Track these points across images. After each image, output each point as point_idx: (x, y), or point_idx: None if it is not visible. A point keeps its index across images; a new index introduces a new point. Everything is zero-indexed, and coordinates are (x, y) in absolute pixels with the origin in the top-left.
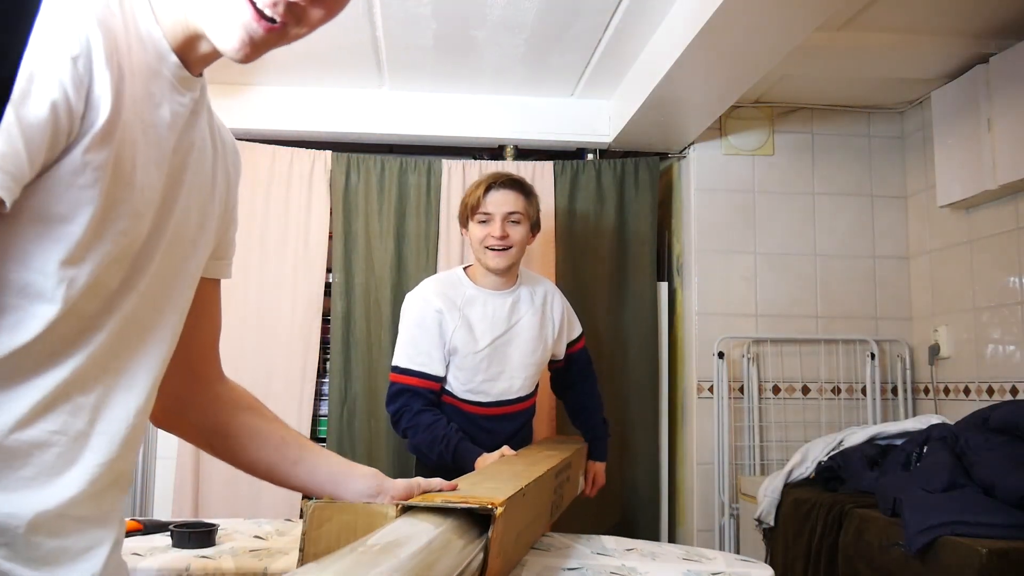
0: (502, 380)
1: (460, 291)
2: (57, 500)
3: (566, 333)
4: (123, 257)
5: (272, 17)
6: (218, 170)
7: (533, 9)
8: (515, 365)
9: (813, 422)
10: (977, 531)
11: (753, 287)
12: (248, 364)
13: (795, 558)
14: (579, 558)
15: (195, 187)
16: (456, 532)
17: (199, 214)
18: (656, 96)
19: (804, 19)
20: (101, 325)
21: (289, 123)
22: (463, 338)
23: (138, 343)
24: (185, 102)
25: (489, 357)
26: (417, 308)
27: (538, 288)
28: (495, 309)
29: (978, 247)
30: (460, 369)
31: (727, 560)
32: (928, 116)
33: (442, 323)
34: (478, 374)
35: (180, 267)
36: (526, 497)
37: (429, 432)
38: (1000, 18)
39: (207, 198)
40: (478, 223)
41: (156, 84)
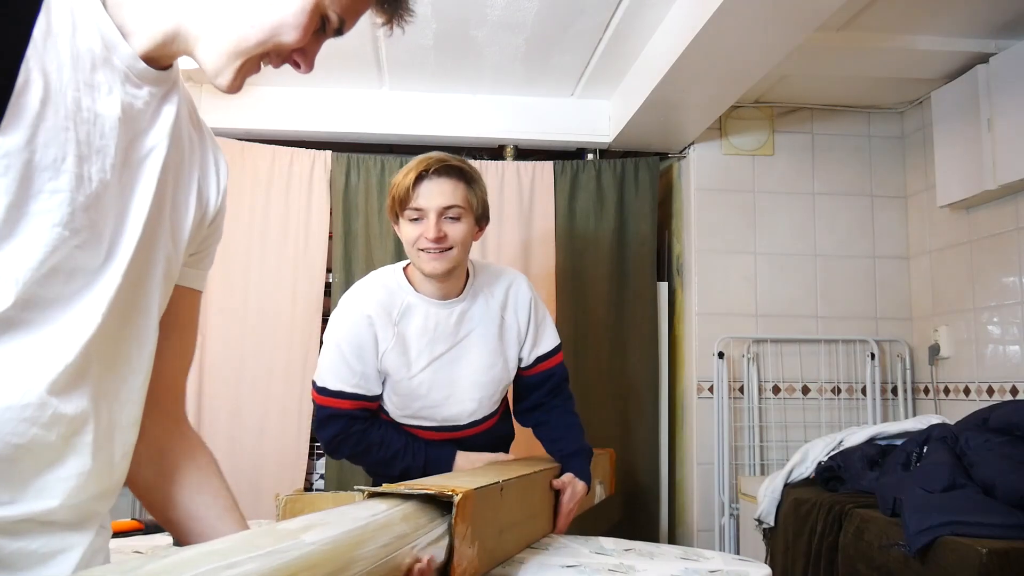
0: (449, 405)
1: (397, 299)
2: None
3: (531, 341)
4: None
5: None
6: (195, 175)
7: (533, 9)
8: (465, 387)
9: (813, 422)
10: (977, 531)
11: (753, 287)
12: (248, 364)
13: (795, 558)
14: (577, 557)
15: (165, 186)
16: (411, 516)
17: (171, 214)
18: (656, 96)
19: (804, 19)
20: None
21: (289, 123)
22: (394, 361)
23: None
24: (142, 95)
25: (429, 381)
26: (349, 319)
27: (497, 288)
28: (438, 322)
29: (978, 247)
30: (395, 393)
31: (725, 559)
32: (928, 116)
33: (376, 337)
34: (416, 400)
35: (146, 271)
36: (506, 493)
37: (385, 449)
38: (1000, 18)
39: (181, 200)
40: (409, 220)
41: (104, 73)
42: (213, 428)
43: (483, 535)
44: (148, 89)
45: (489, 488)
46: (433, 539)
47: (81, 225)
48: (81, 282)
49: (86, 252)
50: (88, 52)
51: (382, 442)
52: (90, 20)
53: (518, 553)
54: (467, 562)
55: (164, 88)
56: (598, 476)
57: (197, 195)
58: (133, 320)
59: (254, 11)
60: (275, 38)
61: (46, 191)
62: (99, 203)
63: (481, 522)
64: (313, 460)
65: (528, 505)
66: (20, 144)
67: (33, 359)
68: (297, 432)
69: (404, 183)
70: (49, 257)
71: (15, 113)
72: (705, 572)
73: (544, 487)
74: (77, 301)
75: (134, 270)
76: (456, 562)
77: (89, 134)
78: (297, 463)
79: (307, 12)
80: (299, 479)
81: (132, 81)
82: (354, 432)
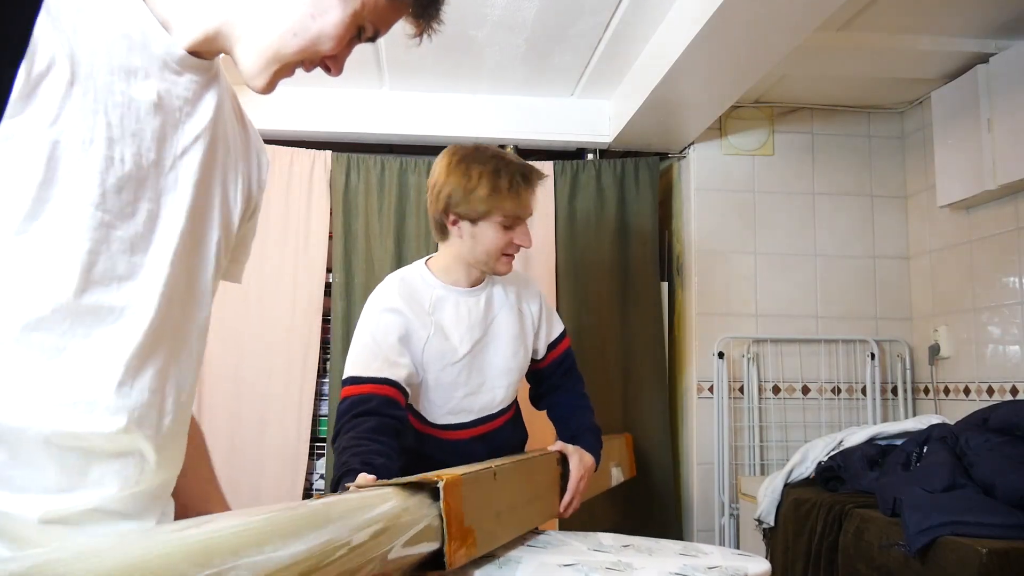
0: (483, 392)
1: (428, 293)
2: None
3: (544, 329)
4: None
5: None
6: (242, 167)
7: (533, 9)
8: (496, 373)
9: (813, 422)
10: (977, 531)
11: (753, 287)
12: (248, 364)
13: (795, 558)
14: (575, 555)
15: (211, 174)
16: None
17: (222, 205)
18: (656, 96)
19: (804, 19)
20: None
21: (289, 123)
22: (439, 348)
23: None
24: (182, 82)
25: (470, 367)
26: (376, 313)
27: (510, 278)
28: (469, 309)
29: (978, 247)
30: (438, 388)
31: (723, 554)
32: (928, 116)
33: (408, 330)
34: (458, 389)
35: (197, 258)
36: (500, 477)
37: (337, 458)
38: (1000, 18)
39: (231, 190)
40: (500, 226)
41: (140, 58)
42: (213, 428)
43: (479, 518)
44: (189, 76)
45: (481, 473)
46: (424, 526)
47: (114, 206)
48: (125, 267)
49: (125, 235)
50: (124, 38)
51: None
52: (127, 9)
53: (521, 534)
54: (460, 544)
55: (206, 77)
56: (614, 459)
57: (245, 187)
58: (189, 307)
59: (298, 20)
60: (314, 47)
61: (74, 171)
62: (136, 186)
63: (475, 506)
64: (313, 460)
65: (529, 488)
66: (45, 125)
67: (94, 350)
68: (297, 432)
69: (519, 196)
70: (86, 240)
71: (39, 95)
72: (704, 568)
73: (547, 470)
74: (128, 287)
75: (183, 257)
76: (449, 544)
77: (123, 117)
78: (297, 463)
79: (347, 25)
80: (299, 479)
81: (171, 68)
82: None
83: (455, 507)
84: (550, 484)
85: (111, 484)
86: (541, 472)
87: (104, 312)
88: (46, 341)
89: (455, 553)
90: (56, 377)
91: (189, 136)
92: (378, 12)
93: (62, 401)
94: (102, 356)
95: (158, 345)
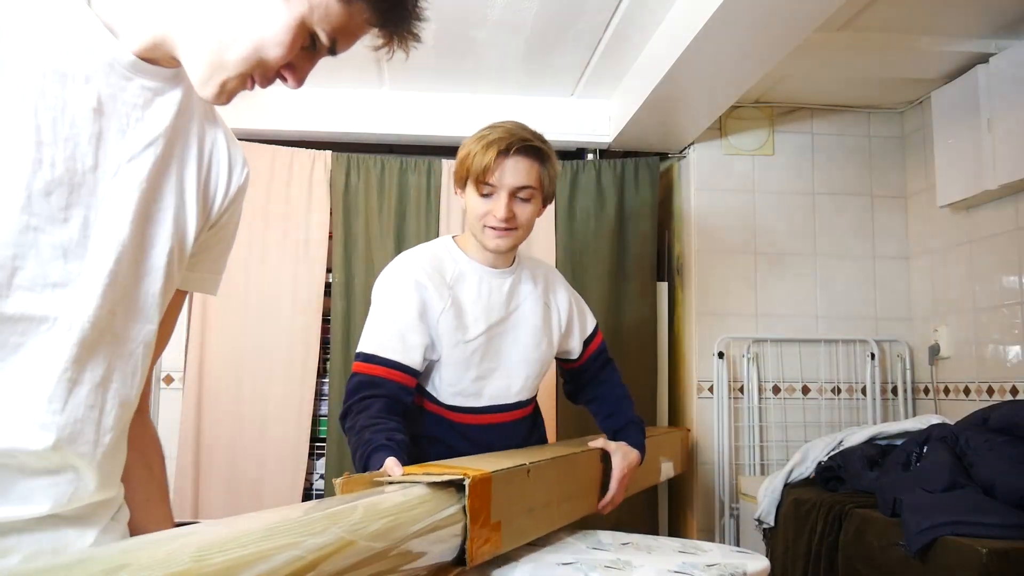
0: (496, 379)
1: (450, 266)
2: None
3: (578, 326)
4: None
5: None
6: (201, 176)
7: (533, 9)
8: (513, 361)
9: (813, 422)
10: (977, 531)
11: (753, 287)
12: (248, 364)
13: (795, 558)
14: (574, 553)
15: (162, 180)
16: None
17: (176, 213)
18: (656, 96)
19: (804, 19)
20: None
21: (289, 123)
22: (451, 323)
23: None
24: (131, 87)
25: (483, 349)
26: (395, 284)
27: (538, 272)
28: (491, 290)
29: (978, 247)
30: (447, 364)
31: (723, 551)
32: (928, 116)
33: (426, 303)
34: (469, 369)
35: (142, 268)
36: (535, 474)
37: (357, 438)
38: (1000, 18)
39: (189, 197)
40: (479, 194)
41: (80, 62)
42: (213, 428)
43: (509, 513)
44: (140, 82)
45: (514, 470)
46: (444, 517)
47: (42, 210)
48: (59, 275)
49: (57, 241)
50: (62, 41)
51: (364, 427)
52: (69, 13)
53: (555, 530)
54: (483, 541)
55: (160, 83)
56: (666, 453)
57: (201, 195)
58: (132, 319)
59: (237, 26)
60: (258, 54)
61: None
62: (68, 191)
63: (505, 501)
64: (313, 460)
65: (567, 485)
66: None
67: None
68: (297, 432)
69: (484, 157)
70: (10, 245)
71: None
72: (703, 565)
73: (587, 468)
74: (61, 295)
75: (125, 266)
76: (471, 541)
77: (55, 120)
78: (297, 463)
79: (291, 29)
80: (299, 479)
81: (118, 72)
82: (367, 408)
83: (480, 504)
84: (591, 481)
85: (41, 502)
86: (582, 469)
87: (35, 321)
88: None
89: (477, 550)
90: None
91: (138, 143)
92: (330, 18)
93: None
94: (32, 368)
95: (95, 357)
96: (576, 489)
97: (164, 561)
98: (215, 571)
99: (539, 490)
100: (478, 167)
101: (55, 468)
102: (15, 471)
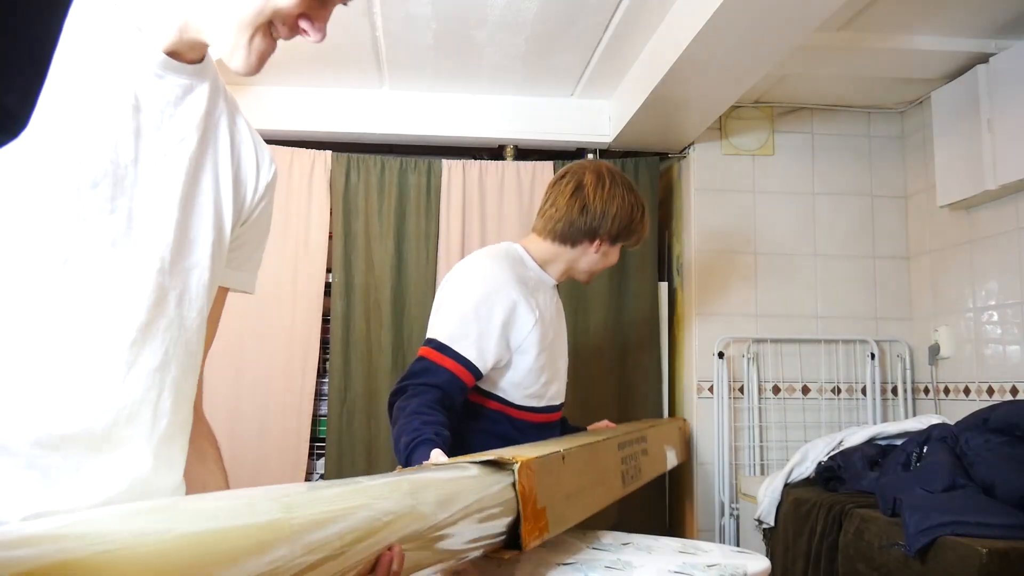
0: (555, 382)
1: (528, 275)
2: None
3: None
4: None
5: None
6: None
7: (533, 9)
8: (561, 365)
9: (813, 422)
10: (977, 531)
11: (753, 287)
12: (248, 364)
13: (795, 558)
14: (575, 553)
15: (199, 176)
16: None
17: (215, 209)
18: (656, 96)
19: (804, 19)
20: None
21: (289, 123)
22: (539, 333)
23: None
24: (164, 85)
25: (550, 353)
26: (488, 287)
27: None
28: (550, 299)
29: (978, 247)
30: (532, 370)
31: (723, 552)
32: (928, 116)
33: (516, 315)
34: (543, 374)
35: (191, 262)
36: (568, 461)
37: (406, 422)
38: (1000, 18)
39: (224, 193)
40: (620, 249)
41: (116, 63)
42: (214, 428)
43: (551, 500)
44: (171, 79)
45: (551, 456)
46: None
47: (91, 202)
48: (108, 264)
49: (105, 232)
50: (98, 44)
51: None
52: (102, 15)
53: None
54: (534, 525)
55: (189, 79)
56: (668, 442)
57: (234, 189)
58: (183, 307)
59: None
60: (270, 4)
61: (48, 173)
62: (113, 183)
63: (547, 488)
64: (313, 460)
65: (595, 472)
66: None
67: (79, 347)
68: (297, 432)
69: (643, 221)
70: (64, 236)
71: None
72: (703, 566)
73: (609, 455)
74: (114, 284)
75: (173, 256)
76: (524, 524)
77: (97, 117)
78: (297, 463)
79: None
80: (299, 479)
81: (150, 71)
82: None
83: (530, 488)
84: (613, 468)
85: (103, 486)
86: (604, 456)
87: (89, 307)
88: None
89: (530, 534)
90: (41, 375)
91: (173, 138)
92: None
93: (48, 400)
94: (89, 351)
95: (151, 342)
96: (602, 475)
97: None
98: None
99: (572, 476)
100: (639, 229)
101: (112, 449)
102: (75, 454)
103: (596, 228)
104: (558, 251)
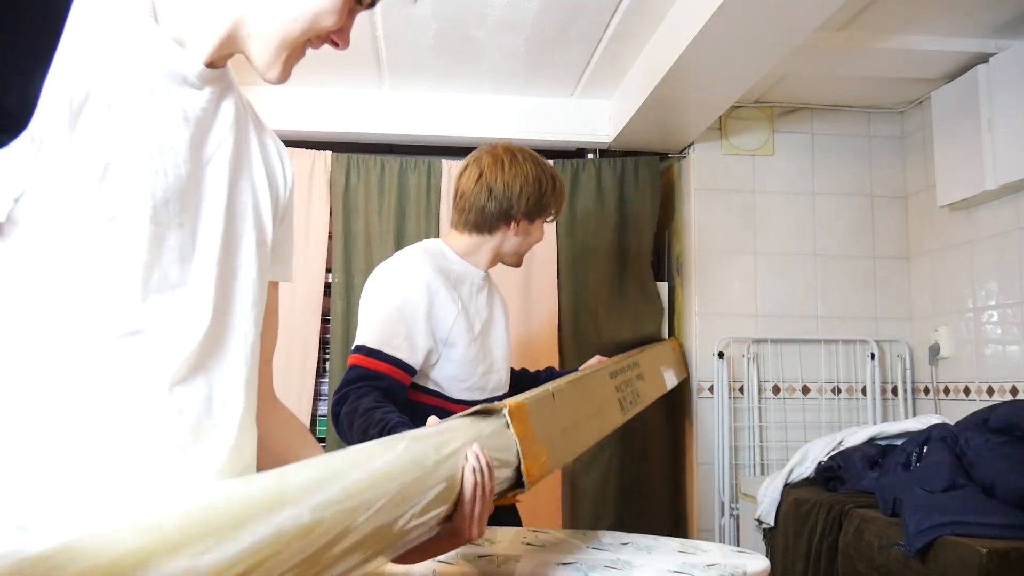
0: (494, 372)
1: (450, 268)
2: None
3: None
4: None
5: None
6: (264, 169)
7: (533, 9)
8: (498, 355)
9: (813, 422)
10: (977, 531)
11: (753, 287)
12: None
13: (795, 558)
14: (574, 553)
15: (239, 179)
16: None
17: (254, 208)
18: (656, 96)
19: (804, 19)
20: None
21: (289, 123)
22: (463, 325)
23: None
24: (203, 95)
25: (482, 345)
26: (405, 284)
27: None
28: (478, 290)
29: (978, 247)
30: (463, 362)
31: (723, 552)
32: (928, 116)
33: (437, 306)
34: (479, 365)
35: (236, 262)
36: (559, 398)
37: (366, 417)
38: (1000, 18)
39: (261, 193)
40: (544, 224)
41: (162, 77)
42: None
43: (547, 436)
44: (209, 89)
45: (540, 395)
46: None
47: (164, 218)
48: (177, 276)
49: (175, 245)
50: (144, 61)
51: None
52: (142, 32)
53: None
54: (536, 458)
55: (221, 87)
56: (663, 363)
57: (270, 187)
58: (241, 305)
59: (297, 4)
60: (316, 25)
61: (127, 190)
62: (178, 197)
63: (542, 425)
64: None
65: (589, 405)
66: (93, 149)
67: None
68: None
69: (561, 196)
70: (143, 252)
71: (81, 122)
72: (703, 566)
73: (602, 386)
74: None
75: (224, 261)
76: (526, 459)
77: (157, 133)
78: None
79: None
80: None
81: (191, 83)
82: (362, 394)
83: (524, 428)
84: (608, 398)
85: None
86: (597, 387)
87: (162, 319)
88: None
89: (531, 469)
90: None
91: (213, 145)
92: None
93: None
94: (160, 359)
95: (216, 346)
96: (599, 405)
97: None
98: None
99: (566, 411)
100: (558, 204)
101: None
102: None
103: (508, 210)
104: (478, 241)
